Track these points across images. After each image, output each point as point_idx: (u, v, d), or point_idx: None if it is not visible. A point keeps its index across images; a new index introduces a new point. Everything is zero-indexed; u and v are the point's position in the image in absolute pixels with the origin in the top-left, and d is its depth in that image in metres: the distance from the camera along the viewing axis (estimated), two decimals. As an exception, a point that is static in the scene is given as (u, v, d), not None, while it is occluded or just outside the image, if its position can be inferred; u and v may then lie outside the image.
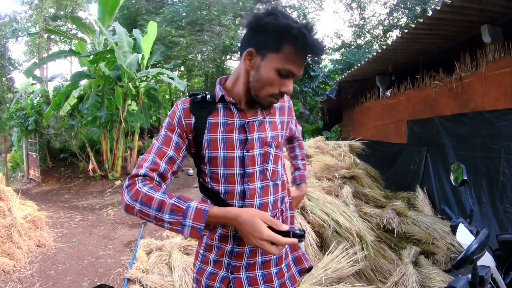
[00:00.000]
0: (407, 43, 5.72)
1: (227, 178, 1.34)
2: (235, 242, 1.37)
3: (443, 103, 5.58)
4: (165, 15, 14.71)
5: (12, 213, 4.95)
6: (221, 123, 1.34)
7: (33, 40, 21.09)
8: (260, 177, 1.36)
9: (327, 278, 3.23)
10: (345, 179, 5.30)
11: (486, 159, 4.53)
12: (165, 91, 19.50)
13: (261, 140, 1.36)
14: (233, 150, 1.33)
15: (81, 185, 11.02)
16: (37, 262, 4.59)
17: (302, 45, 1.19)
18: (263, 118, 1.39)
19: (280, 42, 1.20)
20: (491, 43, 4.63)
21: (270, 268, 1.42)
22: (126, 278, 3.96)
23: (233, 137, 1.33)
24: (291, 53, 1.20)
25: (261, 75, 1.25)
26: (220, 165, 1.33)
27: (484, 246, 1.40)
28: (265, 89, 1.27)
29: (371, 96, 8.87)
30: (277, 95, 1.29)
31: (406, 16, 19.94)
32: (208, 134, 1.33)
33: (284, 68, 1.22)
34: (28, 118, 12.35)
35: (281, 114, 1.48)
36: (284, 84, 1.26)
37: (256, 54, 1.25)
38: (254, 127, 1.36)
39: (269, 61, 1.23)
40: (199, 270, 1.45)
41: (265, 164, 1.38)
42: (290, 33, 1.17)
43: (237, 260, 1.37)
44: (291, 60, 1.21)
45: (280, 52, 1.21)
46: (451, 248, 4.12)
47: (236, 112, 1.35)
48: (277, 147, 1.42)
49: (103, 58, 10.19)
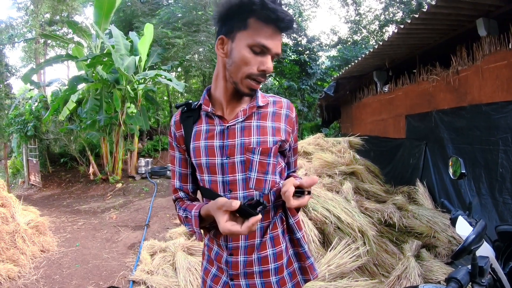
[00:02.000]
0: (403, 38, 5.74)
1: (211, 185, 1.33)
2: (228, 252, 1.35)
3: (441, 97, 5.61)
4: (161, 16, 14.71)
5: (15, 219, 4.97)
6: (203, 130, 1.34)
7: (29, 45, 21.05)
8: (242, 185, 1.31)
9: (330, 273, 3.27)
10: (345, 175, 5.33)
11: (484, 151, 4.56)
12: (163, 92, 19.49)
13: (243, 146, 1.30)
14: (214, 157, 1.31)
15: (82, 189, 11.03)
16: (41, 268, 4.61)
17: (265, 13, 1.17)
18: (243, 120, 1.33)
19: (245, 17, 1.19)
20: (486, 36, 4.65)
21: (269, 277, 1.37)
22: (131, 280, 3.99)
23: (213, 143, 1.31)
24: (258, 25, 1.19)
25: (234, 56, 1.23)
26: (205, 172, 1.34)
27: (482, 236, 1.42)
28: (241, 70, 1.23)
29: (369, 92, 8.89)
30: (256, 75, 1.24)
31: (402, 10, 19.95)
32: (194, 142, 1.34)
33: (255, 42, 1.20)
34: (27, 124, 12.34)
35: (275, 120, 1.37)
36: (262, 62, 1.22)
37: (227, 39, 1.25)
38: (235, 132, 1.31)
39: (239, 40, 1.22)
40: (205, 270, 1.47)
41: (247, 172, 1.31)
42: (252, 5, 1.16)
43: (233, 270, 1.35)
44: (259, 32, 1.19)
45: (247, 27, 1.20)
46: (452, 241, 4.15)
47: (217, 118, 1.34)
48: (264, 153, 1.31)
49: (100, 62, 10.18)
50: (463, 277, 1.30)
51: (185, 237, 4.75)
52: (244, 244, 1.34)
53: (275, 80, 18.86)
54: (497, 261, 1.62)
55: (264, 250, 1.36)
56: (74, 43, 12.77)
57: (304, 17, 20.95)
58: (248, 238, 1.33)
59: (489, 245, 1.67)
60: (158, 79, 10.54)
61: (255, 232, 1.34)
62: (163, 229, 5.79)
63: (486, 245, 1.60)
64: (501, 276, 1.58)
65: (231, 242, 1.34)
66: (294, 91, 16.79)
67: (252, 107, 1.35)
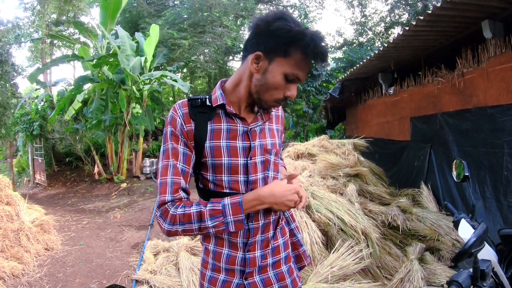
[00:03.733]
0: (408, 40, 5.72)
1: (231, 185, 1.34)
2: (246, 249, 1.37)
3: (446, 100, 5.58)
4: (166, 17, 14.76)
5: (20, 217, 5.01)
6: (224, 130, 1.34)
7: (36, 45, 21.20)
8: (262, 184, 1.38)
9: (333, 275, 3.26)
10: (349, 177, 5.31)
11: (489, 154, 4.53)
12: (169, 93, 19.57)
13: (262, 147, 1.38)
14: (237, 158, 1.33)
15: (87, 188, 11.09)
16: (45, 265, 4.64)
17: (312, 52, 1.21)
18: (263, 123, 1.41)
19: (291, 48, 1.21)
20: (492, 38, 4.62)
21: (281, 267, 1.46)
22: (134, 280, 4.01)
23: (236, 144, 1.34)
24: (300, 59, 1.22)
25: (267, 78, 1.25)
26: (225, 172, 1.33)
27: (483, 239, 1.42)
28: (270, 93, 1.28)
29: (374, 94, 8.86)
30: (281, 100, 1.30)
31: (408, 12, 19.87)
32: (211, 141, 1.32)
33: (292, 73, 1.23)
34: (33, 123, 12.44)
35: (277, 122, 1.51)
36: (289, 89, 1.28)
37: (264, 57, 1.25)
38: (256, 134, 1.38)
39: (277, 65, 1.23)
40: (211, 279, 1.42)
41: (266, 172, 1.40)
42: (303, 40, 1.19)
43: (250, 266, 1.38)
44: (299, 65, 1.23)
45: (289, 57, 1.22)
46: (456, 244, 4.12)
47: (238, 119, 1.35)
48: (276, 154, 1.45)
49: (106, 62, 10.25)
50: (464, 280, 1.30)
51: (189, 237, 4.76)
52: (261, 238, 1.39)
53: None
54: (499, 265, 1.62)
55: (276, 241, 1.46)
56: (80, 43, 12.86)
57: (310, 19, 20.91)
58: (264, 232, 1.40)
59: (492, 249, 1.66)
60: (163, 79, 10.58)
61: (270, 225, 1.41)
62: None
63: (489, 248, 1.59)
64: (503, 280, 1.57)
65: (251, 238, 1.37)
66: (299, 93, 16.74)
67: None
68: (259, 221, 1.37)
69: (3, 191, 5.11)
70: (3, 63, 14.78)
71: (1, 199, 5.04)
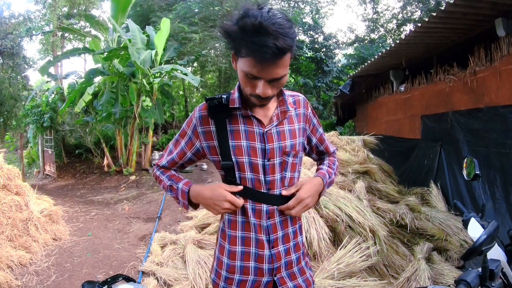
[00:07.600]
0: (420, 37, 5.67)
1: (254, 183, 1.38)
2: (270, 246, 1.41)
3: (457, 98, 5.52)
4: (177, 11, 14.76)
5: (29, 207, 5.05)
6: (242, 131, 1.37)
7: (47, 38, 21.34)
8: (279, 184, 1.40)
9: (339, 272, 3.25)
10: (358, 174, 5.29)
11: (500, 154, 4.47)
12: (179, 87, 19.62)
13: (281, 149, 1.39)
14: (256, 158, 1.37)
15: (96, 180, 11.16)
16: (53, 255, 4.68)
17: (249, 50, 1.15)
18: (278, 123, 1.41)
19: (238, 46, 1.20)
20: (505, 37, 4.55)
21: (301, 263, 1.51)
22: (140, 271, 4.03)
23: (255, 145, 1.37)
24: (246, 54, 1.17)
25: (239, 75, 1.28)
26: (248, 170, 1.38)
27: (493, 237, 1.40)
28: (245, 90, 1.29)
29: (385, 91, 8.80)
30: (256, 96, 1.25)
31: (420, 9, 19.70)
32: (233, 140, 1.37)
33: (247, 71, 1.20)
34: (43, 115, 12.53)
35: (298, 121, 1.49)
36: (255, 87, 1.23)
37: (234, 57, 1.30)
38: (273, 136, 1.39)
39: (239, 64, 1.24)
40: (227, 279, 1.45)
41: (283, 172, 1.42)
42: (242, 38, 1.16)
43: (277, 261, 1.42)
44: (249, 64, 1.18)
45: (240, 56, 1.21)
46: (464, 245, 4.08)
47: (255, 121, 1.38)
48: (295, 156, 1.45)
49: (117, 55, 10.29)
50: (472, 279, 1.28)
51: (196, 230, 4.77)
52: (282, 233, 1.43)
53: (291, 77, 18.78)
54: (508, 266, 1.59)
55: (296, 238, 1.49)
56: (91, 36, 12.93)
57: (321, 15, 20.83)
58: (283, 227, 1.44)
59: (501, 249, 1.64)
60: (174, 73, 10.60)
61: (287, 221, 1.45)
62: (174, 222, 5.82)
63: (498, 248, 1.57)
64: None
65: (272, 234, 1.41)
66: (309, 89, 16.72)
67: (284, 112, 1.43)
68: (275, 218, 1.41)
69: (12, 181, 5.15)
70: (15, 56, 14.96)
71: (11, 189, 5.08)
